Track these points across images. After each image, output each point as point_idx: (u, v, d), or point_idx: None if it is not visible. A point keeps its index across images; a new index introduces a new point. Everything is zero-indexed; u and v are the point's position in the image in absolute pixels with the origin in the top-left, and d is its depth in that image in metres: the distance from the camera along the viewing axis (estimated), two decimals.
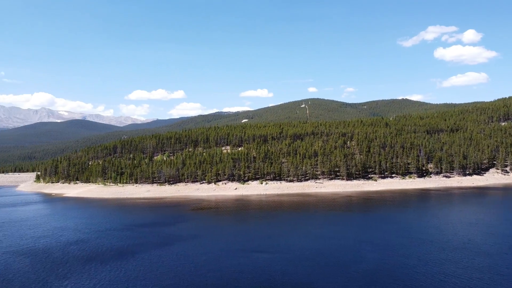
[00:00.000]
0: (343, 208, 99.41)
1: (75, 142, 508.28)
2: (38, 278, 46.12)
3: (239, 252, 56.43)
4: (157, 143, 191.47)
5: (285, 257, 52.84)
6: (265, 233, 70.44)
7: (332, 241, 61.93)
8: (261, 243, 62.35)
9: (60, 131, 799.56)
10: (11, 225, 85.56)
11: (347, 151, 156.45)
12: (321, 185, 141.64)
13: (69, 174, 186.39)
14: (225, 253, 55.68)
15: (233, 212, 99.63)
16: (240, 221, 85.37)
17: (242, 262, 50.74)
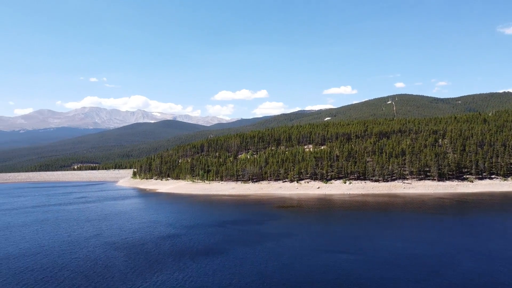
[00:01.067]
0: (434, 211, 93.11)
1: (166, 141, 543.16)
2: (134, 269, 49.95)
3: (322, 252, 55.72)
4: (241, 142, 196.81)
5: (370, 260, 51.01)
6: (349, 234, 68.74)
7: (423, 246, 58.18)
8: (345, 243, 60.94)
9: (153, 131, 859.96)
10: (112, 217, 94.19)
11: (438, 150, 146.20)
12: (409, 185, 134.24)
13: (161, 171, 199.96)
14: (308, 253, 55.36)
15: (317, 211, 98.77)
16: (323, 221, 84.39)
17: (326, 263, 50.07)
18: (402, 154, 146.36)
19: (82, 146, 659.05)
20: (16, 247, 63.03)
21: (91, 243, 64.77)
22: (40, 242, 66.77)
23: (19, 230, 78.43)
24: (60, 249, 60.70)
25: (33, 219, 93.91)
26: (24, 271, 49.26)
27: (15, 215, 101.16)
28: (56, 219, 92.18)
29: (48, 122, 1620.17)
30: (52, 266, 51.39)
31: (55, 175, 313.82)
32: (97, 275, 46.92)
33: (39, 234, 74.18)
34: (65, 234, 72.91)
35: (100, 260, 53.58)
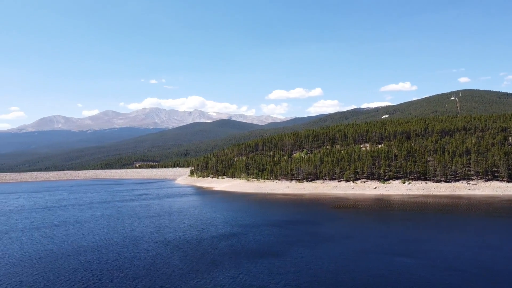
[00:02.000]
0: (504, 214, 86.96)
1: (222, 140, 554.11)
2: (191, 265, 51.49)
3: (381, 254, 54.09)
4: (296, 140, 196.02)
5: (433, 265, 48.73)
6: (409, 236, 66.11)
7: (492, 252, 54.61)
8: (405, 246, 58.66)
9: (209, 130, 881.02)
10: (171, 214, 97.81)
11: (508, 149, 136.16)
12: (475, 186, 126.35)
13: (217, 170, 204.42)
14: (367, 255, 53.99)
15: (374, 212, 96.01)
16: (382, 222, 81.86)
17: (385, 266, 48.57)
18: (467, 153, 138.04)
19: (143, 145, 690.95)
20: (85, 240, 67.47)
21: (152, 238, 67.71)
22: (106, 236, 70.92)
23: (87, 225, 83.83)
24: (123, 244, 64.10)
25: (99, 214, 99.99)
26: (92, 263, 52.58)
27: (83, 210, 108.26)
28: (120, 215, 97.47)
29: (112, 122, 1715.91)
30: (117, 259, 54.38)
31: (118, 173, 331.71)
32: (157, 270, 48.98)
33: (104, 228, 78.83)
34: (127, 229, 76.86)
35: (159, 256, 55.88)
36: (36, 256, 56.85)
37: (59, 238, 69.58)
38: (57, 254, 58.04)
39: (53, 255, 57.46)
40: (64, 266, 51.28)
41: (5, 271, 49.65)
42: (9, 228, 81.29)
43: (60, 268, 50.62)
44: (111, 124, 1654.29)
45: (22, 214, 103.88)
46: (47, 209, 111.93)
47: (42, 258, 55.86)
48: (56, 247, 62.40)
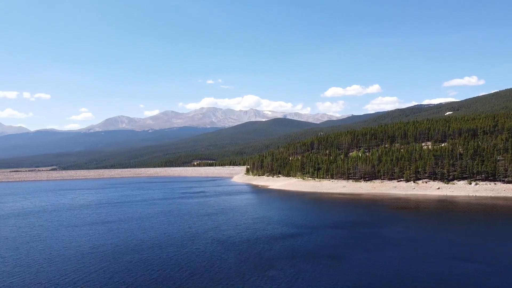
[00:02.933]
0: None
1: (277, 139, 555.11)
2: (247, 263, 51.99)
3: (447, 260, 51.30)
4: (352, 139, 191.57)
5: (501, 273, 45.48)
6: (475, 241, 62.12)
7: None
8: (473, 252, 55.15)
9: (264, 129, 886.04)
10: (228, 211, 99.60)
11: None
12: None
13: (272, 168, 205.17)
14: (431, 260, 51.48)
15: (438, 213, 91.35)
16: (447, 225, 77.72)
17: (452, 272, 46.06)
18: None
19: (201, 144, 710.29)
20: (147, 235, 70.66)
21: (209, 235, 69.39)
22: (166, 232, 73.76)
23: (149, 220, 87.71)
24: (182, 240, 66.31)
25: (159, 210, 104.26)
26: (153, 257, 54.92)
27: (145, 206, 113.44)
28: (179, 211, 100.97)
29: (172, 122, 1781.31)
30: (176, 255, 56.34)
31: (178, 171, 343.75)
32: (215, 267, 50.09)
33: (165, 224, 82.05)
34: (186, 226, 79.39)
35: (217, 253, 57.10)
36: (103, 249, 60.43)
37: (123, 233, 73.46)
38: (122, 248, 61.33)
39: (119, 248, 60.78)
40: (128, 259, 54.05)
41: (75, 262, 53.29)
42: (80, 222, 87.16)
43: (125, 261, 53.42)
44: (170, 124, 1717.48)
45: (90, 209, 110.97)
46: (113, 205, 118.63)
47: (108, 251, 59.28)
48: (120, 241, 65.96)
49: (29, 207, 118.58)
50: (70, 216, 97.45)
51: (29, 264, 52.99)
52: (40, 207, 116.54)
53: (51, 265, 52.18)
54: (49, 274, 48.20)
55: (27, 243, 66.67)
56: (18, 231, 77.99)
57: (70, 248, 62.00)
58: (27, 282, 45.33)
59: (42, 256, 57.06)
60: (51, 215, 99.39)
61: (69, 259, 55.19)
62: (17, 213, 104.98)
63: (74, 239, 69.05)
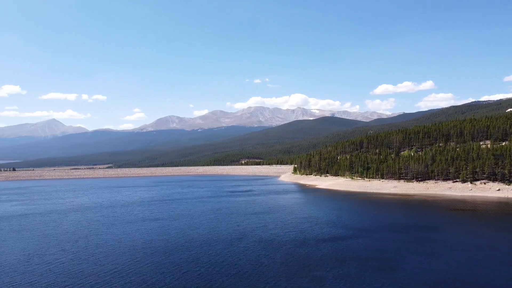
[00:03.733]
0: None
1: (325, 138, 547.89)
2: (295, 265, 51.69)
3: (506, 266, 48.23)
4: (404, 137, 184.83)
5: None
6: None
7: None
8: None
9: (312, 128, 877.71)
10: (276, 210, 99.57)
11: None
12: None
13: (320, 167, 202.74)
14: (487, 265, 48.61)
15: (497, 216, 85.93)
16: (507, 229, 72.98)
17: (510, 279, 43.22)
18: None
19: (248, 143, 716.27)
20: (196, 232, 72.25)
21: (257, 234, 69.71)
22: (215, 229, 75.02)
23: (198, 218, 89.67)
24: (231, 238, 67.14)
25: (208, 208, 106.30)
26: (202, 255, 56.02)
27: (195, 204, 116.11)
28: (228, 209, 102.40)
29: (220, 121, 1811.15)
30: (224, 252, 57.13)
31: (226, 169, 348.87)
32: (263, 266, 50.22)
33: (214, 222, 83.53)
34: (235, 224, 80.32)
35: (265, 252, 57.23)
36: (154, 245, 62.55)
37: (174, 230, 75.61)
38: (172, 244, 63.15)
39: (169, 245, 62.64)
40: (178, 256, 55.55)
41: (129, 257, 55.55)
42: (133, 218, 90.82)
43: (175, 257, 54.94)
44: (219, 123, 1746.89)
45: (143, 205, 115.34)
46: (164, 202, 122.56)
47: (159, 247, 61.25)
48: (171, 238, 67.95)
49: (87, 203, 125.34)
50: (124, 212, 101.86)
51: (87, 257, 55.94)
52: (97, 203, 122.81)
53: (107, 258, 54.75)
54: (105, 267, 50.61)
55: (85, 237, 70.46)
56: (77, 226, 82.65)
57: (124, 243, 64.77)
58: (85, 273, 47.86)
59: (99, 250, 60.04)
60: (107, 211, 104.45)
61: (123, 253, 57.65)
62: (77, 209, 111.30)
63: (127, 234, 72.04)
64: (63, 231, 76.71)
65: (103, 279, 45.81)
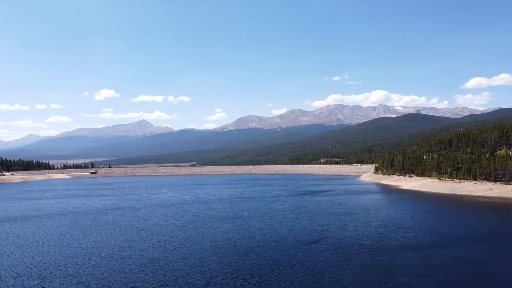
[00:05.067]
0: None
1: (409, 136, 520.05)
2: (381, 272, 49.45)
3: None
4: (501, 135, 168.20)
5: None
6: None
7: None
8: None
9: (394, 126, 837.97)
10: (356, 211, 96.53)
11: None
12: None
13: (404, 167, 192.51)
14: None
15: None
16: None
17: None
18: None
19: (327, 141, 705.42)
20: (275, 231, 72.59)
21: (337, 236, 68.11)
22: (294, 229, 74.82)
23: (277, 216, 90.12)
24: (310, 238, 66.46)
25: (287, 206, 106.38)
26: (281, 254, 56.14)
27: (274, 202, 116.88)
28: (306, 209, 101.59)
29: (298, 120, 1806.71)
30: (304, 254, 56.67)
31: (304, 168, 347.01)
32: (340, 268, 48.92)
33: (292, 221, 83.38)
34: (314, 224, 79.37)
35: (344, 254, 55.67)
36: (235, 242, 64.08)
37: (254, 228, 76.83)
38: (252, 242, 64.18)
39: (249, 242, 63.76)
40: (258, 254, 56.26)
41: (211, 253, 57.58)
42: (214, 215, 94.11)
43: (254, 255, 55.73)
44: (297, 122, 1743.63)
45: (224, 203, 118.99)
46: (244, 200, 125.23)
47: (239, 244, 62.59)
48: (251, 236, 69.11)
49: (173, 199, 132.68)
50: (206, 209, 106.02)
51: (173, 250, 59.10)
52: (182, 200, 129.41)
53: (191, 253, 57.32)
54: (188, 261, 53.01)
55: (171, 231, 74.54)
56: (164, 220, 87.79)
57: (206, 239, 67.32)
58: (171, 267, 50.61)
59: (183, 244, 63.09)
60: (190, 207, 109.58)
61: (205, 249, 59.91)
62: (163, 204, 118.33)
63: (209, 231, 74.75)
64: (151, 225, 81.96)
65: (188, 273, 47.96)
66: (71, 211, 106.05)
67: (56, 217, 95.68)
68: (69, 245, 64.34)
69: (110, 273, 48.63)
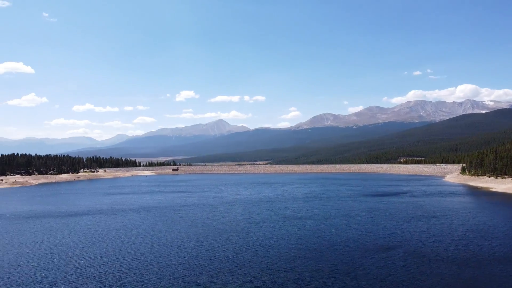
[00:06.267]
0: None
1: (501, 133, 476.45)
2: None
3: None
4: None
5: None
6: None
7: None
8: None
9: (484, 122, 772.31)
10: (441, 215, 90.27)
11: None
12: None
13: (495, 168, 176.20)
14: None
15: None
16: None
17: None
18: None
19: (407, 139, 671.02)
20: (351, 233, 70.40)
21: (419, 240, 64.04)
22: (371, 232, 71.94)
23: (354, 218, 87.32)
24: (388, 242, 63.44)
25: (365, 208, 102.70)
26: (355, 257, 54.25)
27: (350, 203, 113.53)
28: (385, 210, 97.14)
29: (376, 118, 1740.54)
30: (381, 259, 54.22)
31: (383, 168, 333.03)
32: (424, 282, 45.94)
33: (369, 223, 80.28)
34: (393, 227, 75.68)
35: (426, 263, 52.20)
36: (310, 243, 63.23)
37: (329, 229, 75.25)
38: (327, 243, 62.86)
39: (324, 243, 62.56)
40: (333, 256, 54.94)
41: (285, 252, 57.41)
42: (289, 214, 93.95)
43: (329, 257, 54.51)
44: (375, 120, 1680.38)
45: (298, 202, 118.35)
46: (319, 199, 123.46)
47: (315, 246, 61.64)
48: (326, 237, 67.74)
49: (248, 197, 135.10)
50: (281, 207, 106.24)
51: (247, 247, 59.97)
52: (257, 198, 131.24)
53: (265, 251, 57.67)
54: (263, 259, 53.37)
55: (246, 229, 75.79)
56: (240, 218, 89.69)
57: (280, 238, 67.34)
58: (246, 264, 51.33)
59: (258, 242, 63.74)
60: (266, 205, 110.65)
61: (280, 248, 59.86)
62: (239, 202, 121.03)
63: (284, 230, 74.66)
64: (228, 222, 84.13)
65: (263, 271, 48.28)
66: (154, 206, 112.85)
67: (141, 211, 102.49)
68: (153, 238, 68.38)
69: (188, 267, 50.66)
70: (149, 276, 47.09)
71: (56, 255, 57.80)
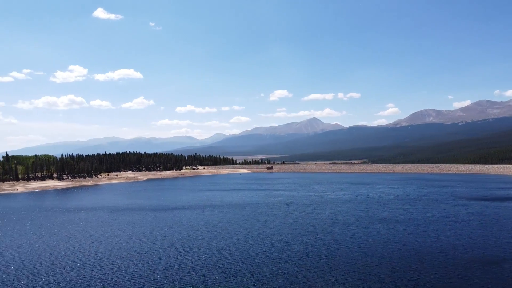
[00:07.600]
0: None
1: None
2: None
3: None
4: None
5: None
6: None
7: None
8: None
9: None
10: None
11: None
12: None
13: None
14: None
15: None
16: None
17: None
18: None
19: None
20: (456, 240, 64.66)
21: None
22: (478, 238, 65.34)
23: (459, 222, 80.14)
24: (502, 252, 57.01)
25: (473, 212, 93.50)
26: (460, 266, 49.69)
27: (456, 206, 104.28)
28: (498, 217, 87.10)
29: (486, 113, 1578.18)
30: (494, 272, 48.99)
31: (495, 168, 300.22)
32: None
33: (478, 229, 72.96)
34: (507, 235, 67.75)
35: None
36: (408, 248, 59.49)
37: (431, 234, 70.14)
38: (428, 249, 58.61)
39: (425, 249, 58.45)
40: (435, 265, 51.10)
41: (383, 256, 54.84)
42: (386, 216, 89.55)
43: (429, 264, 50.80)
44: (485, 115, 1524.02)
45: (396, 203, 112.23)
46: (419, 201, 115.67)
47: (412, 251, 57.91)
48: (427, 242, 63.19)
49: (342, 197, 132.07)
50: (378, 209, 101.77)
51: (340, 249, 58.45)
52: (352, 198, 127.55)
53: (359, 254, 55.68)
54: (357, 262, 51.59)
55: (340, 229, 74.03)
56: (333, 218, 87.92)
57: (377, 241, 64.37)
58: (338, 265, 50.13)
59: (352, 244, 61.73)
60: (361, 206, 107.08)
61: (376, 252, 57.35)
62: (333, 201, 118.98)
63: (380, 232, 71.27)
64: (321, 222, 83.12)
65: (358, 274, 46.73)
66: (249, 203, 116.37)
67: (236, 208, 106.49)
68: (247, 235, 70.50)
69: (281, 265, 51.14)
70: (243, 272, 48.54)
71: (157, 245, 62.79)
